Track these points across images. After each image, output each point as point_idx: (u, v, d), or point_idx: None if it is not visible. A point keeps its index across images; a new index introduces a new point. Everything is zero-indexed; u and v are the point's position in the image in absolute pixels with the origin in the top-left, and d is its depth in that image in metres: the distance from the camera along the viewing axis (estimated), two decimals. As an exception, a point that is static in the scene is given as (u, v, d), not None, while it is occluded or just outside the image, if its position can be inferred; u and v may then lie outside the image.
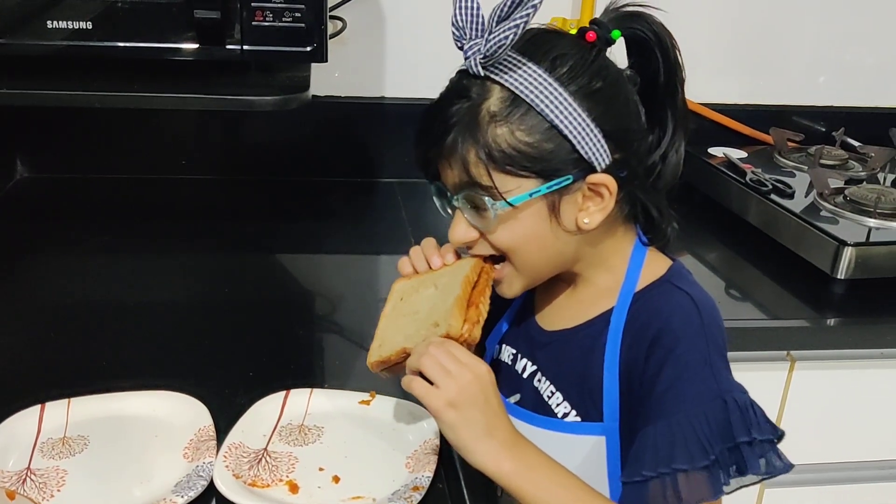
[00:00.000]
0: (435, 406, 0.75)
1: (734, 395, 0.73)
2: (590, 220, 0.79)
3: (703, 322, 0.76)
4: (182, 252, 1.39)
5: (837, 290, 1.32)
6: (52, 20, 1.10)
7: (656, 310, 0.78)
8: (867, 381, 1.31)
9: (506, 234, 0.80)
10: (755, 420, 0.73)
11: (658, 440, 0.73)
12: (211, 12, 1.10)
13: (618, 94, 0.78)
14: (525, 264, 0.82)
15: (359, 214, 1.59)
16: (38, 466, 0.84)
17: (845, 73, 1.83)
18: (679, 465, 0.71)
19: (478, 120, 0.76)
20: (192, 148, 1.65)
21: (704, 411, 0.72)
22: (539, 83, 0.75)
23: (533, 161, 0.75)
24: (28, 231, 1.41)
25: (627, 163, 0.78)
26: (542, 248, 0.81)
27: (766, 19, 1.75)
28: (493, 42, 0.73)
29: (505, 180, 0.76)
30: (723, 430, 0.72)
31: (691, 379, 0.73)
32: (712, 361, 0.75)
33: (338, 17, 1.54)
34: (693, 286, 0.81)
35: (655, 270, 0.83)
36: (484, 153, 0.75)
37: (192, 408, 0.92)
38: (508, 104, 0.75)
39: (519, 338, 0.92)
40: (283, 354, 1.08)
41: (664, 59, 0.80)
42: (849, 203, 1.41)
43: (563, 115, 0.75)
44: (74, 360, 1.04)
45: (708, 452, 0.71)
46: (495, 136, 0.75)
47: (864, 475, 1.37)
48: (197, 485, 0.80)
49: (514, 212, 0.78)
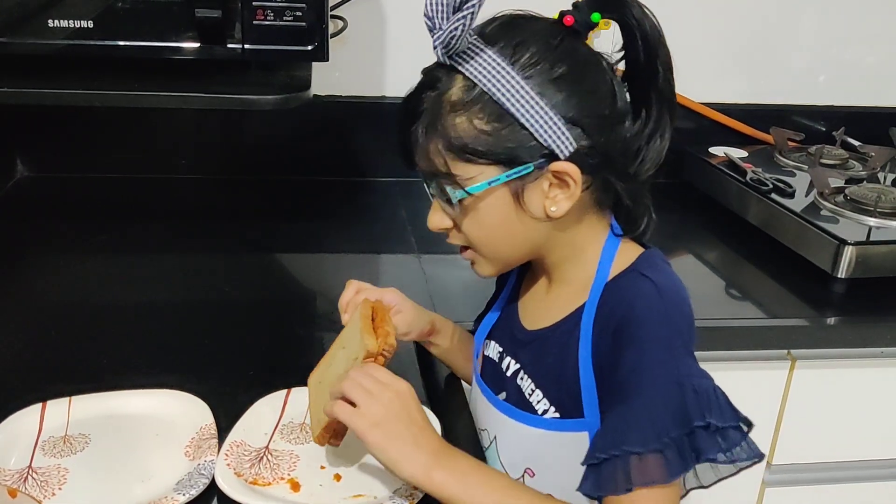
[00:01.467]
0: (360, 427, 0.76)
1: (692, 380, 0.72)
2: (557, 207, 0.78)
3: (665, 307, 0.76)
4: (183, 251, 1.39)
5: (838, 289, 1.32)
6: (53, 19, 1.10)
7: (621, 299, 0.78)
8: (868, 380, 1.31)
9: (472, 222, 0.81)
10: (715, 405, 0.71)
11: (614, 423, 0.73)
12: (212, 11, 1.10)
13: (585, 80, 0.77)
14: (492, 251, 0.83)
15: (359, 214, 1.59)
16: (39, 465, 0.84)
17: (846, 72, 1.84)
18: (631, 448, 0.70)
19: (440, 109, 0.76)
20: (192, 147, 1.65)
21: (661, 395, 0.71)
22: (496, 71, 0.75)
23: (492, 149, 0.76)
24: (28, 230, 1.42)
25: (596, 149, 0.77)
26: (510, 234, 0.81)
27: (766, 19, 1.76)
28: (447, 33, 0.73)
29: (466, 169, 0.77)
30: (679, 414, 0.70)
31: (650, 363, 0.73)
32: (672, 346, 0.74)
33: (339, 17, 1.54)
34: (659, 272, 0.79)
35: (626, 260, 0.82)
36: (444, 142, 0.77)
37: (193, 406, 0.92)
38: (467, 93, 0.76)
39: (505, 335, 0.92)
40: (285, 353, 1.09)
41: (643, 41, 0.78)
42: (849, 202, 1.41)
43: (520, 102, 0.74)
44: (75, 359, 1.04)
45: (660, 435, 0.70)
46: (455, 125, 0.76)
47: (864, 474, 1.37)
48: (198, 483, 0.80)
49: (477, 200, 0.79)
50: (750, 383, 1.27)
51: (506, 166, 0.77)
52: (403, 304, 0.99)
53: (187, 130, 1.63)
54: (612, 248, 0.83)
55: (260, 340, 1.12)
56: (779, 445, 1.32)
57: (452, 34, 0.73)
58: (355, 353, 0.85)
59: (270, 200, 1.62)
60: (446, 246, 1.49)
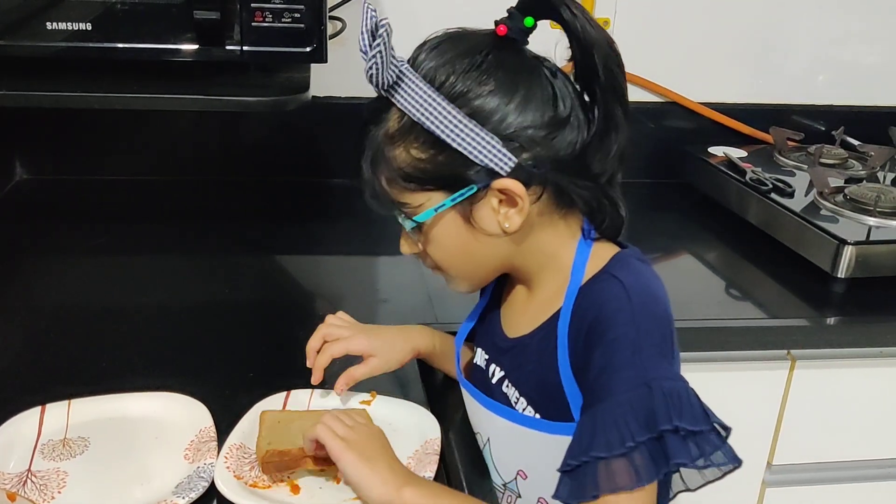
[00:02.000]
0: (337, 446, 0.79)
1: (661, 383, 0.69)
2: (510, 223, 0.78)
3: (633, 308, 0.74)
4: (182, 253, 1.39)
5: (837, 288, 1.32)
6: (52, 21, 1.10)
7: (592, 301, 0.77)
8: (867, 379, 1.31)
9: (433, 247, 0.83)
10: (686, 409, 0.68)
11: (582, 429, 0.72)
12: (210, 13, 1.10)
13: (514, 92, 0.76)
14: (459, 271, 0.85)
15: (358, 215, 1.59)
16: (38, 468, 0.84)
17: (845, 71, 1.83)
18: (597, 453, 0.68)
19: (379, 143, 0.79)
20: (191, 149, 1.65)
21: (628, 398, 0.69)
22: (423, 98, 0.75)
23: (431, 176, 0.77)
24: (27, 232, 1.42)
25: (541, 159, 0.76)
26: (471, 254, 0.82)
27: (765, 18, 1.75)
28: (368, 67, 0.76)
29: (413, 197, 0.79)
30: (646, 417, 0.68)
31: (618, 366, 0.71)
32: (640, 348, 0.72)
33: (337, 18, 1.54)
34: (630, 272, 0.78)
35: (599, 262, 0.80)
36: (387, 174, 0.79)
37: (192, 409, 0.92)
38: (400, 123, 0.77)
39: (488, 343, 0.92)
40: (284, 355, 1.08)
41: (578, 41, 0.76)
42: (849, 202, 1.41)
43: (449, 128, 0.74)
44: (74, 362, 1.04)
45: (625, 440, 0.68)
46: (395, 157, 0.78)
47: (864, 474, 1.37)
48: (198, 486, 0.80)
49: (430, 226, 0.80)
50: (750, 383, 1.26)
51: (449, 191, 0.77)
52: (373, 349, 0.97)
53: (186, 132, 1.63)
54: (585, 252, 0.82)
55: (259, 342, 1.12)
56: (779, 445, 1.31)
57: (373, 67, 0.76)
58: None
59: (269, 202, 1.62)
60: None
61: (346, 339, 0.97)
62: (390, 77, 0.76)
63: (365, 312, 1.23)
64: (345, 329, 0.99)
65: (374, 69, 0.76)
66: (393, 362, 0.98)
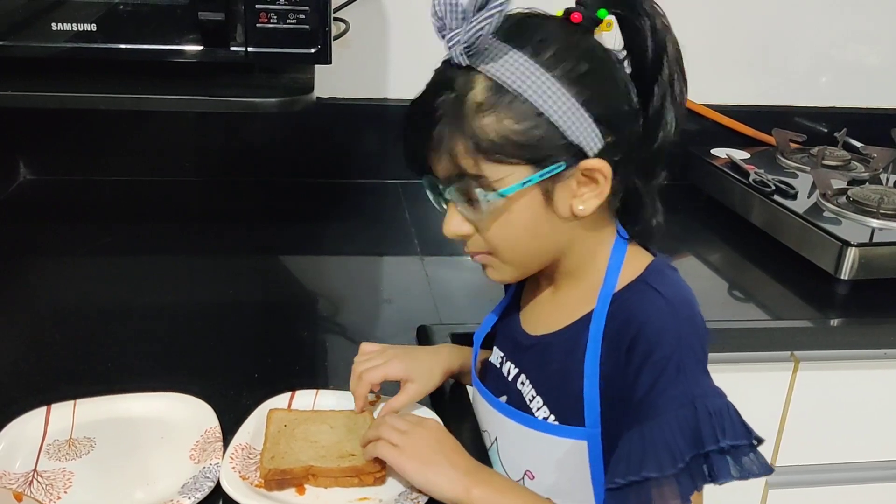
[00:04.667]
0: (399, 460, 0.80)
1: (706, 401, 0.71)
2: (585, 206, 0.77)
3: (679, 326, 0.75)
4: (186, 254, 1.39)
5: (841, 290, 1.32)
6: (56, 22, 1.10)
7: (632, 314, 0.77)
8: (871, 381, 1.31)
9: (500, 225, 0.78)
10: (728, 425, 0.70)
11: (631, 447, 0.72)
12: (215, 14, 1.10)
13: (606, 76, 0.77)
14: (515, 254, 0.81)
15: (362, 216, 1.59)
16: (44, 468, 0.84)
17: (847, 73, 1.84)
18: (648, 473, 0.70)
19: (464, 111, 0.74)
20: (195, 150, 1.65)
21: (676, 418, 0.71)
22: (523, 69, 0.74)
23: (522, 149, 0.74)
24: (31, 233, 1.42)
25: (620, 146, 0.77)
26: (537, 236, 0.79)
27: (768, 20, 1.76)
28: (473, 32, 0.72)
29: (496, 170, 0.75)
30: (693, 436, 0.70)
31: (664, 385, 0.72)
32: (685, 367, 0.73)
33: (341, 19, 1.54)
34: (670, 285, 0.78)
35: (634, 268, 0.80)
36: (472, 144, 0.74)
37: (197, 409, 0.92)
38: (494, 93, 0.74)
39: (506, 340, 0.92)
40: (288, 355, 1.09)
41: (652, 35, 0.77)
42: (851, 204, 1.41)
43: (551, 100, 0.73)
44: (80, 362, 1.04)
45: (676, 460, 0.69)
46: (482, 126, 0.74)
47: (868, 475, 1.37)
48: (203, 486, 0.80)
49: (508, 202, 0.76)
50: (753, 385, 1.27)
51: (537, 166, 0.75)
52: (410, 372, 0.94)
53: (191, 133, 1.64)
54: (620, 254, 0.82)
55: (264, 343, 1.12)
56: (782, 447, 1.32)
57: (478, 34, 0.72)
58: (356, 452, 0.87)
59: (274, 203, 1.62)
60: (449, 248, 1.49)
61: (383, 366, 0.93)
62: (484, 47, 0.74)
63: (369, 313, 1.23)
64: (378, 356, 0.95)
65: (483, 32, 0.72)
66: (430, 386, 0.95)
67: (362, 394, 0.93)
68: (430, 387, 0.96)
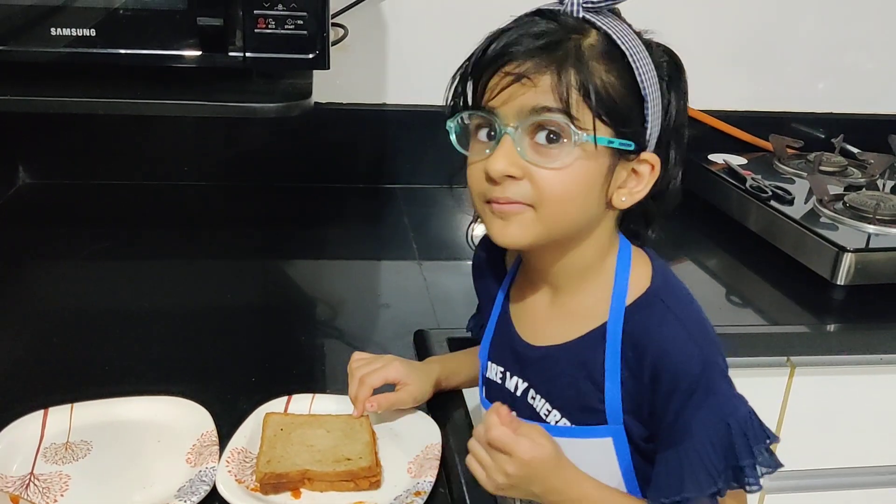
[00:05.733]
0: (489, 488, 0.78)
1: (737, 417, 0.74)
2: (626, 198, 0.77)
3: (701, 350, 0.75)
4: (184, 258, 1.39)
5: (837, 295, 1.32)
6: (56, 27, 1.11)
7: (651, 341, 0.76)
8: (867, 386, 1.31)
9: (563, 174, 0.74)
10: (752, 433, 0.74)
11: (668, 469, 0.76)
12: (213, 19, 1.10)
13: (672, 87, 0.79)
14: (557, 212, 0.76)
15: (361, 220, 1.60)
16: (41, 471, 0.84)
17: (844, 79, 1.84)
18: (689, 494, 0.74)
19: (581, 48, 0.72)
20: (194, 155, 1.65)
21: (710, 438, 0.74)
22: (633, 39, 0.75)
23: (614, 110, 0.73)
24: (30, 237, 1.42)
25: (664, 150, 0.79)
26: (582, 202, 0.76)
27: (765, 26, 1.76)
28: None
29: (587, 118, 0.73)
30: (727, 452, 0.74)
31: (696, 409, 0.74)
32: (713, 387, 0.74)
33: (339, 25, 1.55)
34: (678, 299, 0.79)
35: (640, 276, 0.80)
36: (581, 81, 0.72)
37: (194, 413, 0.92)
38: (606, 47, 0.74)
39: (504, 354, 0.89)
40: (286, 359, 1.09)
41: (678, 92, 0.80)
42: (848, 209, 1.42)
43: (649, 78, 0.75)
44: (77, 366, 1.04)
45: (715, 480, 0.74)
46: (593, 71, 0.72)
47: (864, 481, 1.37)
48: (199, 490, 0.81)
49: (586, 154, 0.73)
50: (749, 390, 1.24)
51: (617, 134, 0.74)
52: (408, 375, 0.95)
53: (189, 138, 1.64)
54: (626, 258, 0.81)
55: (261, 347, 1.12)
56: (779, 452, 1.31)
57: None
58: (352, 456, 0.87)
59: (272, 207, 1.62)
60: (447, 252, 1.50)
61: (382, 369, 0.93)
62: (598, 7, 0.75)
63: (367, 317, 1.24)
64: (375, 360, 0.95)
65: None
66: (425, 393, 0.96)
67: (363, 398, 0.92)
68: (425, 394, 0.96)
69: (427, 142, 1.65)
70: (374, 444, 0.89)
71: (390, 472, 0.87)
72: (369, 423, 0.92)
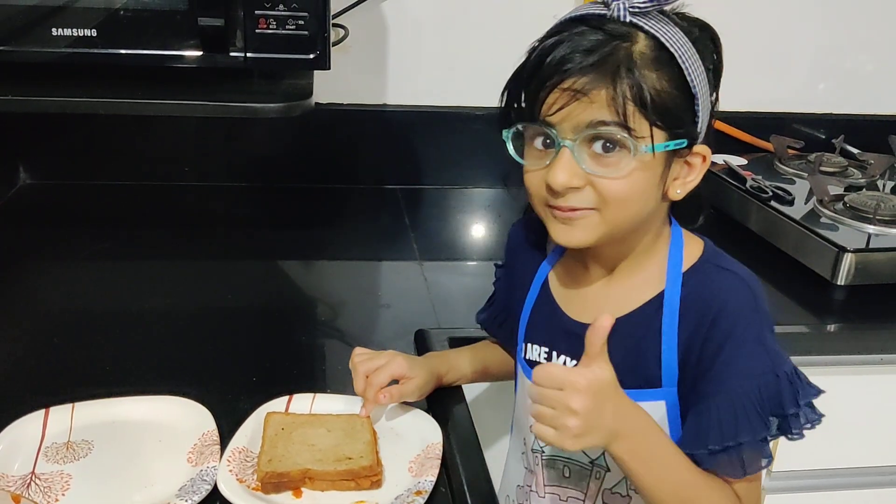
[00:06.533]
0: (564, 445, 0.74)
1: (784, 369, 0.78)
2: (682, 190, 0.81)
3: (756, 301, 0.80)
4: (185, 258, 1.40)
5: (838, 296, 1.32)
6: (57, 27, 1.11)
7: (710, 293, 0.80)
8: (868, 386, 1.31)
9: (624, 181, 0.77)
10: (801, 386, 0.78)
11: (721, 416, 0.77)
12: (214, 20, 1.10)
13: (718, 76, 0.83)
14: (621, 214, 0.79)
15: (361, 221, 1.60)
16: (42, 471, 0.84)
17: (845, 80, 1.84)
18: (743, 438, 0.76)
19: (633, 58, 0.74)
20: (194, 155, 1.66)
21: (758, 386, 0.77)
22: (680, 38, 0.77)
23: (668, 113, 0.76)
24: (31, 237, 1.42)
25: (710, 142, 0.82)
26: (642, 203, 0.79)
27: (766, 28, 1.76)
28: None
29: (643, 126, 0.75)
30: (775, 402, 0.77)
31: (747, 357, 0.77)
32: (764, 338, 0.78)
33: (340, 25, 1.55)
34: (734, 264, 0.84)
35: (693, 250, 0.85)
36: (636, 91, 0.74)
37: (195, 412, 0.92)
38: (656, 51, 0.76)
39: (549, 334, 0.89)
40: (286, 359, 1.09)
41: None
42: (848, 210, 1.42)
43: (698, 77, 0.77)
44: (78, 365, 1.04)
45: (767, 425, 0.77)
46: (646, 80, 0.74)
47: (864, 481, 1.37)
48: (201, 489, 0.81)
49: (643, 160, 0.76)
50: (750, 390, 1.27)
51: (670, 135, 0.77)
52: (412, 369, 0.95)
53: (190, 138, 1.64)
54: (679, 238, 0.86)
55: (262, 347, 1.12)
56: (779, 452, 1.32)
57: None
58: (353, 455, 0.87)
59: (272, 208, 1.63)
60: (448, 253, 1.50)
61: (387, 365, 0.93)
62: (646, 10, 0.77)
63: (367, 317, 1.24)
64: (378, 356, 0.95)
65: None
66: (429, 384, 0.96)
67: (372, 396, 0.92)
68: (430, 384, 0.97)
69: (427, 142, 1.65)
70: (375, 444, 0.89)
71: (391, 471, 0.87)
72: (370, 423, 0.92)
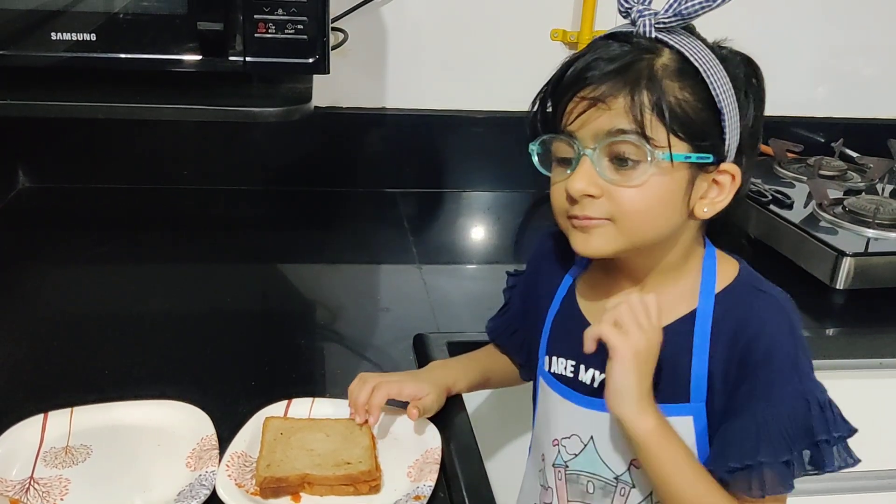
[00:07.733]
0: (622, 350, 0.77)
1: (816, 395, 0.77)
2: (709, 209, 0.81)
3: (792, 325, 0.80)
4: (184, 262, 1.40)
5: (837, 300, 1.32)
6: (56, 31, 1.11)
7: (746, 315, 0.80)
8: (867, 390, 1.31)
9: (641, 191, 0.78)
10: (833, 418, 0.76)
11: (744, 435, 0.77)
12: (214, 24, 1.10)
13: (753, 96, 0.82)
14: (637, 226, 0.80)
15: (360, 224, 1.60)
16: (41, 475, 0.84)
17: (844, 84, 1.84)
18: (763, 458, 0.75)
19: (654, 69, 0.76)
20: (194, 159, 1.66)
21: (788, 410, 0.76)
22: (706, 54, 0.78)
23: (690, 126, 0.76)
24: (30, 241, 1.42)
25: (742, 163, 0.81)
26: (663, 216, 0.80)
27: (765, 31, 1.76)
28: (686, 7, 0.78)
29: (663, 136, 0.76)
30: (804, 428, 0.76)
31: (780, 381, 0.77)
32: (799, 364, 0.78)
33: (339, 29, 1.55)
34: (771, 286, 0.83)
35: (728, 271, 0.85)
36: (655, 101, 0.75)
37: (194, 417, 0.92)
38: (679, 65, 0.77)
39: (578, 347, 0.87)
40: (285, 363, 1.09)
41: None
42: (848, 213, 1.42)
43: (724, 91, 0.77)
44: (77, 370, 1.04)
45: (790, 449, 0.75)
46: (667, 89, 0.76)
47: (864, 485, 1.37)
48: (199, 493, 0.81)
49: (662, 170, 0.77)
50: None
51: (694, 148, 0.77)
52: (422, 389, 0.94)
53: (189, 142, 1.64)
54: (712, 258, 0.85)
55: (261, 351, 1.12)
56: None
57: (691, 10, 0.78)
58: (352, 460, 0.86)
59: (271, 211, 1.63)
60: (447, 257, 1.50)
61: (397, 383, 0.93)
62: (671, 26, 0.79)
63: (366, 321, 1.24)
64: (388, 376, 0.95)
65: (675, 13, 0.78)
66: (442, 400, 0.96)
67: (378, 403, 0.91)
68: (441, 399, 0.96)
69: (427, 146, 1.65)
70: (373, 448, 0.89)
71: (390, 476, 0.87)
72: (369, 428, 0.92)
